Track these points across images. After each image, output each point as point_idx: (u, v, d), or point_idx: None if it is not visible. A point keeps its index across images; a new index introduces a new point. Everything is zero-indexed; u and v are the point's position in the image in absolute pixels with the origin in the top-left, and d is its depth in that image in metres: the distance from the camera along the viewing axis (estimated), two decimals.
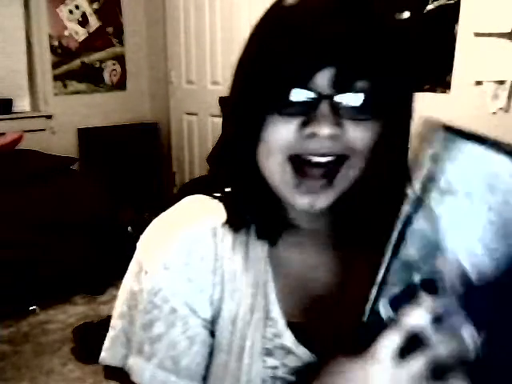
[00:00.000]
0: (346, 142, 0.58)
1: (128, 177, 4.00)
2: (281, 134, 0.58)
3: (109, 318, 0.71)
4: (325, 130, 0.56)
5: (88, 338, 2.53)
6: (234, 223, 0.66)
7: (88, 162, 4.03)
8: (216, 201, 0.68)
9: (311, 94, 0.57)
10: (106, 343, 0.69)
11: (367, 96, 0.58)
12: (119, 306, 0.68)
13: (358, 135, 0.58)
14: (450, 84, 2.77)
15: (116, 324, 0.68)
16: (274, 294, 0.65)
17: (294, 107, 0.58)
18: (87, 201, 3.22)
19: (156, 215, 0.70)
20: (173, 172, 4.27)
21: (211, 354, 0.65)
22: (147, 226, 0.69)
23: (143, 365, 0.64)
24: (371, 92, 0.58)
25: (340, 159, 0.59)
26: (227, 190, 0.69)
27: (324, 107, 0.56)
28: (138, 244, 0.68)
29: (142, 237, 0.68)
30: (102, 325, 1.28)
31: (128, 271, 0.68)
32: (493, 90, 2.63)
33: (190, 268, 0.64)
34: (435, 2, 2.75)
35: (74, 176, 3.49)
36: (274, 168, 0.60)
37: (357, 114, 0.58)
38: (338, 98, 0.57)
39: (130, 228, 3.50)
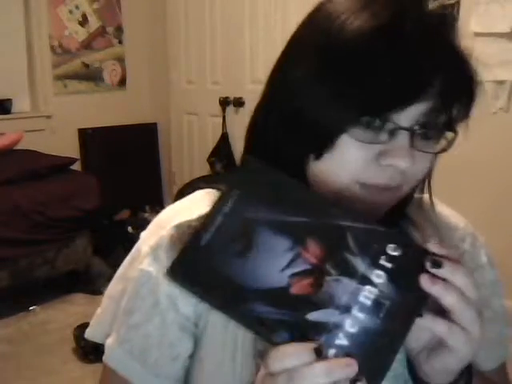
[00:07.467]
0: (411, 173, 0.56)
1: (128, 177, 4.00)
2: (354, 158, 0.55)
3: None
4: (402, 163, 0.54)
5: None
6: None
7: (88, 162, 4.03)
8: None
9: (391, 125, 0.54)
10: (93, 320, 0.69)
11: (445, 129, 0.56)
12: (111, 287, 0.69)
13: (422, 167, 0.57)
14: None
15: (105, 303, 0.69)
16: None
17: (369, 133, 0.54)
18: (87, 201, 3.22)
19: (155, 215, 0.69)
20: (173, 172, 4.26)
21: (194, 356, 0.64)
22: (147, 226, 0.68)
23: (115, 347, 0.64)
24: (449, 125, 0.56)
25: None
26: None
27: (403, 139, 0.54)
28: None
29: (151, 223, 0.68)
30: None
31: (129, 255, 0.68)
32: (493, 89, 2.63)
33: None
34: (435, 2, 2.74)
35: (74, 176, 3.48)
36: (334, 188, 0.57)
37: (430, 147, 0.56)
38: (418, 131, 0.54)
39: (129, 228, 3.50)
